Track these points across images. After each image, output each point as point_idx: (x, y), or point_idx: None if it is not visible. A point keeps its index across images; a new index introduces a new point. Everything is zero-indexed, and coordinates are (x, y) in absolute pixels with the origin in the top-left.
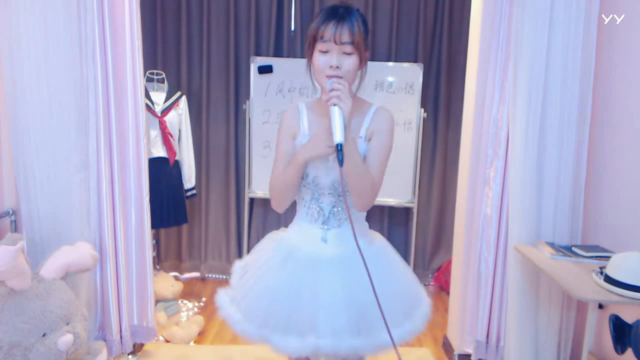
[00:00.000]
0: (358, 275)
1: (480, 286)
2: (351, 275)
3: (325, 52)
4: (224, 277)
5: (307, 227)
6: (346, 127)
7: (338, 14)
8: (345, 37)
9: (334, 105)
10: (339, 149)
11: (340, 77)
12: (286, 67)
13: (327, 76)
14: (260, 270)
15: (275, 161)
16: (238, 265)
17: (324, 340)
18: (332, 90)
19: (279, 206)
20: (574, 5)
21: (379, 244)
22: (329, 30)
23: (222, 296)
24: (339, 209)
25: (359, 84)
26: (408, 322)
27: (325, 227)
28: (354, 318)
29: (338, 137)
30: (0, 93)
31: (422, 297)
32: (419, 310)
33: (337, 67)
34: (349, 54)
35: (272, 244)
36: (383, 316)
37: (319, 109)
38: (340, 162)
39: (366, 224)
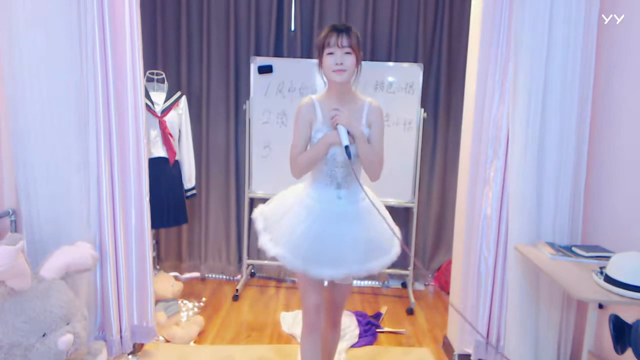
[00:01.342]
0: (366, 222)
1: (480, 286)
2: (362, 222)
3: (331, 54)
4: (224, 277)
5: (325, 188)
6: (349, 133)
7: (338, 29)
8: (345, 42)
9: (337, 124)
10: (347, 149)
11: (344, 70)
12: (286, 67)
13: (334, 71)
14: (296, 219)
15: (294, 141)
16: (259, 211)
17: (353, 267)
18: (332, 117)
19: (300, 175)
20: (574, 5)
21: (368, 201)
22: (333, 38)
23: (265, 241)
24: (348, 176)
25: (356, 77)
26: (393, 248)
27: (339, 189)
28: (368, 250)
29: (345, 142)
30: (1, 93)
31: (394, 227)
32: (396, 239)
33: (341, 63)
34: (348, 53)
35: (295, 199)
36: (389, 224)
37: (328, 102)
38: (349, 156)
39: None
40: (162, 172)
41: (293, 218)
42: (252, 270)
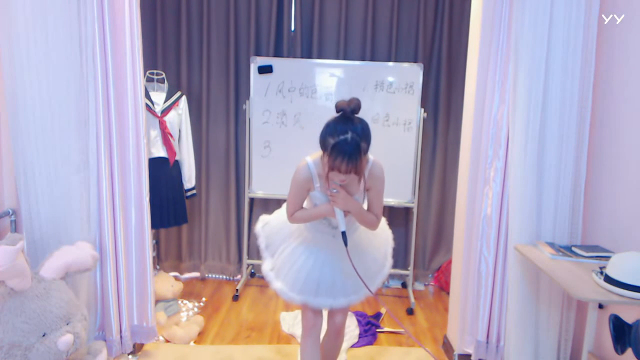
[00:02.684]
0: (362, 252)
1: (480, 286)
2: (357, 254)
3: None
4: (224, 277)
5: (321, 227)
6: (345, 215)
7: (348, 153)
8: (353, 170)
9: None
10: (344, 235)
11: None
12: (286, 67)
13: (339, 182)
14: (293, 253)
15: (290, 200)
16: (261, 225)
17: (352, 297)
18: (330, 196)
19: (296, 224)
20: (574, 5)
21: (359, 233)
22: (343, 167)
23: (268, 272)
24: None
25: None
26: (380, 274)
27: (334, 229)
28: (367, 276)
29: (342, 227)
30: (1, 93)
31: (388, 251)
32: (387, 262)
33: (345, 180)
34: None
35: (295, 229)
36: (363, 281)
37: (323, 172)
38: (345, 244)
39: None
40: (162, 172)
41: (291, 251)
42: (252, 270)
